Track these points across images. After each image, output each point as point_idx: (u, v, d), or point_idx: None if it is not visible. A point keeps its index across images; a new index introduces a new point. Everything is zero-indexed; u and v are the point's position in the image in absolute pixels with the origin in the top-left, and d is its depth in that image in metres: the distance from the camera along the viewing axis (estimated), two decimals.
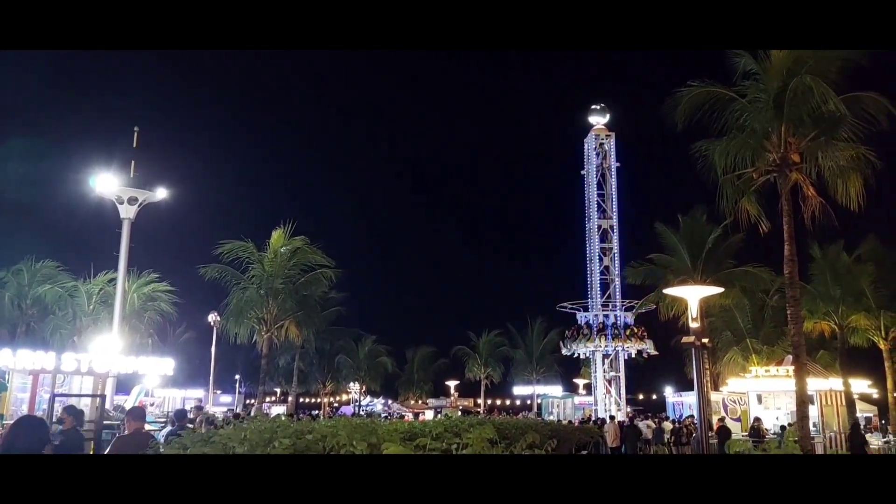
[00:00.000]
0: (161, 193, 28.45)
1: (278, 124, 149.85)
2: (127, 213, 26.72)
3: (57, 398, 19.35)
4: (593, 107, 43.30)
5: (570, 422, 29.30)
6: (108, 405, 21.93)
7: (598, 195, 41.48)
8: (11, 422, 9.92)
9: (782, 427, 26.56)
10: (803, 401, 19.37)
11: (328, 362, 61.91)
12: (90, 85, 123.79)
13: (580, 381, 57.10)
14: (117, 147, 29.84)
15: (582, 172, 42.29)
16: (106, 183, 26.63)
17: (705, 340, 13.40)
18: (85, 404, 19.98)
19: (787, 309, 20.26)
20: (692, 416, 32.39)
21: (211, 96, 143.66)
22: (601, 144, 42.26)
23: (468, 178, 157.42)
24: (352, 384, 65.63)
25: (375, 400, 68.60)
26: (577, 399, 49.92)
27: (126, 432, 7.89)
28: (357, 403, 63.16)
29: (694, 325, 13.02)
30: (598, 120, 42.93)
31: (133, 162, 28.46)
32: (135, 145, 28.95)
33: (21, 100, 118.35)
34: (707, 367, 32.02)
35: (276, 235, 36.12)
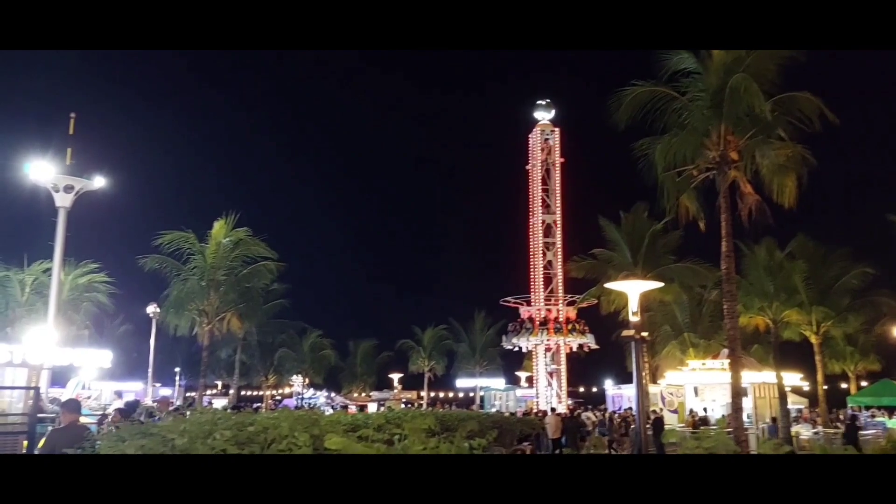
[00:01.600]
0: (99, 182, 27.50)
1: (224, 114, 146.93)
2: (63, 201, 25.74)
3: None
4: (539, 102, 43.77)
5: (512, 413, 29.66)
6: (42, 398, 21.23)
7: (543, 190, 42.00)
8: None
9: (703, 418, 27.47)
10: (738, 393, 20.07)
11: (271, 355, 61.18)
12: (25, 70, 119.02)
13: (522, 374, 57.79)
14: (53, 134, 28.75)
15: (527, 167, 42.72)
16: (40, 170, 25.62)
17: (645, 334, 13.77)
18: (17, 397, 19.34)
19: (724, 304, 20.91)
20: (630, 408, 33.19)
21: (151, 84, 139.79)
22: (546, 140, 42.78)
23: (413, 172, 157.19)
24: (295, 377, 65.04)
25: (319, 393, 68.17)
26: (519, 392, 50.55)
27: (61, 425, 7.70)
28: (300, 396, 62.62)
29: (634, 319, 13.37)
30: (544, 115, 43.43)
31: (69, 149, 27.45)
32: (71, 132, 27.91)
33: None
34: (646, 360, 32.81)
35: (218, 226, 35.45)
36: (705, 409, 27.88)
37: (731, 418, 20.07)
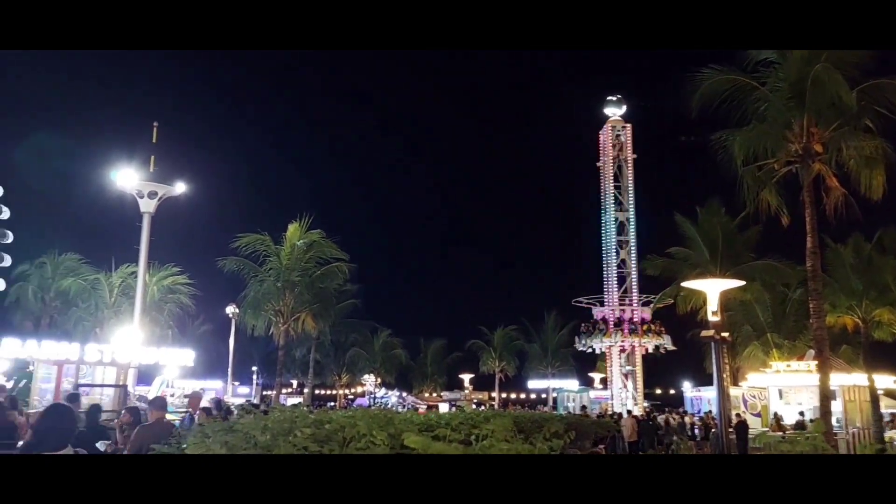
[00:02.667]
0: (180, 188, 28.68)
1: (296, 120, 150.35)
2: (147, 207, 26.98)
3: (81, 388, 19.62)
4: (609, 98, 43.01)
5: (586, 415, 29.21)
6: (130, 395, 22.16)
7: (615, 187, 41.22)
8: (40, 410, 10.04)
9: (799, 422, 26.34)
10: (826, 396, 19.17)
11: (343, 354, 62.24)
12: (111, 81, 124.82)
13: (596, 376, 56.90)
14: (137, 142, 30.08)
15: (598, 164, 42.03)
16: (126, 177, 26.90)
17: (725, 335, 13.26)
18: (108, 394, 20.24)
19: (810, 302, 20.05)
20: (710, 411, 32.21)
21: (229, 91, 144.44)
22: (617, 136, 41.99)
23: (483, 171, 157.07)
24: (367, 376, 65.93)
25: (390, 392, 68.89)
26: (593, 393, 49.73)
27: (148, 422, 7.98)
28: (372, 395, 63.45)
29: (713, 318, 12.90)
30: (614, 111, 42.64)
31: (153, 157, 28.71)
32: (154, 140, 29.21)
33: (45, 96, 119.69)
34: (726, 361, 31.79)
35: (293, 229, 36.34)
36: (802, 413, 26.66)
37: (819, 422, 19.19)
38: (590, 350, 41.16)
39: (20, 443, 7.31)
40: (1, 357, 29.80)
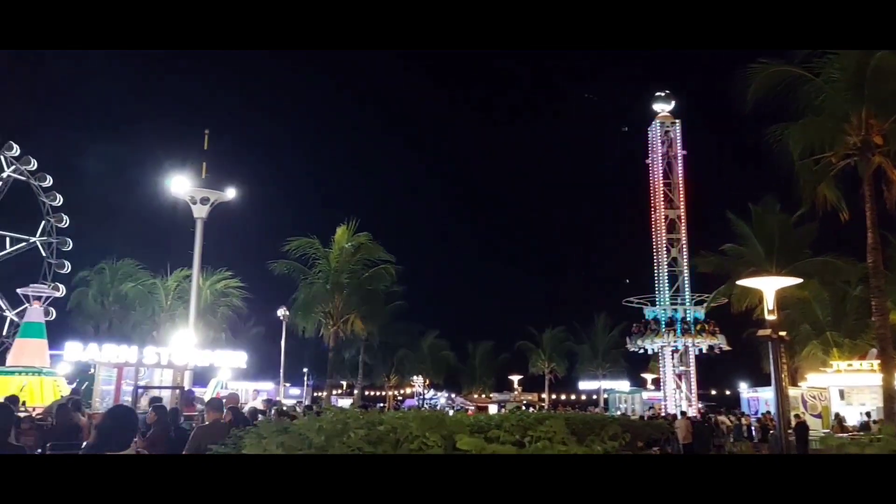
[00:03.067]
0: (231, 193, 29.19)
1: (343, 124, 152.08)
2: (199, 212, 27.49)
3: (139, 389, 20.18)
4: (657, 94, 42.32)
5: (640, 417, 28.77)
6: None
7: (665, 184, 40.53)
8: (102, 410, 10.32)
9: (864, 423, 25.47)
10: (891, 396, 18.51)
11: (392, 356, 62.64)
12: (163, 88, 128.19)
13: (648, 376, 56.03)
14: (190, 149, 30.78)
15: (647, 161, 41.40)
16: (179, 184, 27.49)
17: (782, 333, 12.89)
18: (165, 395, 20.76)
19: (871, 300, 19.41)
20: (769, 412, 31.38)
21: (277, 96, 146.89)
22: (666, 132, 41.29)
23: (532, 172, 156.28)
24: (415, 378, 66.21)
25: (439, 394, 69.02)
26: (645, 394, 49.05)
27: (206, 422, 8.15)
28: (421, 397, 63.68)
29: (770, 317, 12.58)
30: (663, 107, 41.95)
31: (204, 163, 29.29)
32: (205, 147, 29.80)
33: (101, 105, 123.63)
34: (784, 361, 30.94)
35: (340, 232, 36.77)
36: (868, 414, 25.77)
37: (883, 423, 18.53)
38: (641, 351, 40.54)
39: (84, 443, 7.53)
40: (64, 360, 30.92)
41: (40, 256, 54.29)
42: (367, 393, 67.37)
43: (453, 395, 68.62)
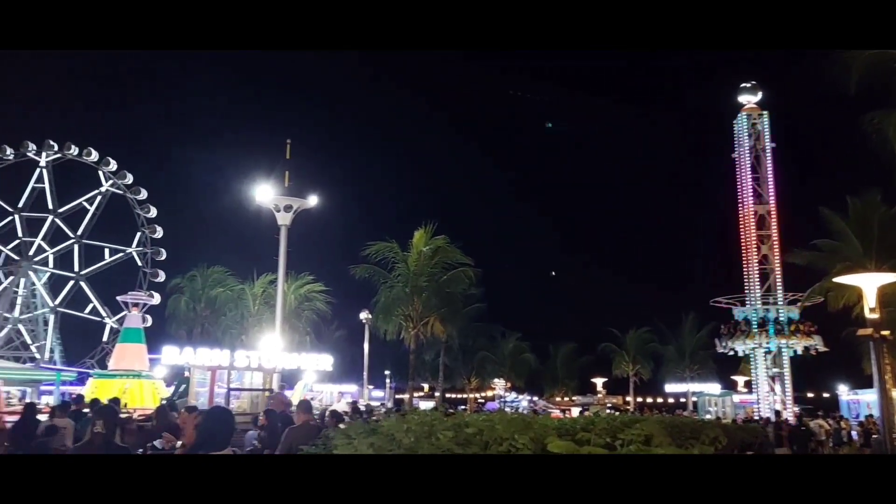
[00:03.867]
0: (312, 200, 29.93)
1: (416, 128, 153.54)
2: (283, 220, 28.30)
3: (232, 392, 20.92)
4: (743, 85, 40.78)
5: (732, 420, 27.80)
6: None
7: (753, 179, 38.99)
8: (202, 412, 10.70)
9: None
10: None
11: (472, 358, 62.74)
12: (247, 100, 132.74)
13: (740, 379, 54.03)
14: (273, 158, 31.75)
15: (732, 155, 39.96)
16: (264, 193, 28.38)
17: (885, 332, 12.21)
18: (255, 398, 21.46)
19: None
20: (871, 415, 29.71)
21: (352, 103, 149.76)
22: (753, 125, 39.74)
23: (611, 170, 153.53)
24: (496, 380, 66.06)
25: (520, 396, 68.62)
26: (736, 397, 47.34)
27: (296, 424, 8.36)
28: (502, 399, 63.47)
29: (871, 315, 11.98)
30: (749, 99, 40.38)
31: (287, 172, 30.14)
32: (287, 156, 30.66)
33: (190, 118, 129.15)
34: (888, 361, 29.23)
35: (418, 235, 37.15)
36: None
37: None
38: (731, 353, 39.10)
39: (178, 443, 7.85)
40: (161, 364, 32.38)
41: (136, 266, 57.32)
42: (447, 395, 67.75)
43: (535, 398, 68.10)
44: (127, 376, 32.87)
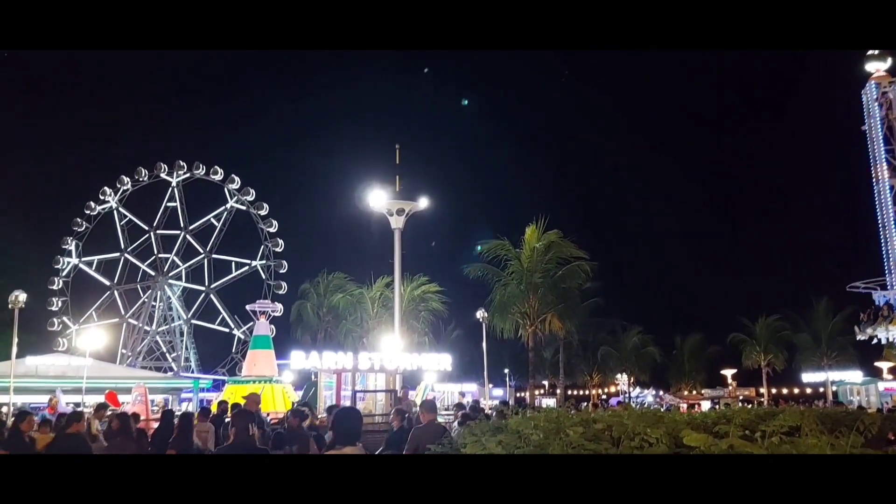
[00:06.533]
0: (423, 203, 30.39)
1: (528, 124, 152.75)
2: (396, 223, 28.88)
3: (357, 394, 21.59)
4: (869, 53, 37.97)
5: (878, 410, 25.90)
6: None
7: (887, 151, 36.21)
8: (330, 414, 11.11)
9: None
10: None
11: (593, 354, 61.67)
12: (364, 111, 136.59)
13: (884, 365, 50.22)
14: (386, 164, 32.52)
15: (863, 128, 37.26)
16: (377, 198, 29.08)
17: None
18: (380, 399, 22.05)
19: None
20: None
21: (458, 104, 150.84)
22: (884, 93, 36.91)
23: (733, 149, 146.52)
24: (619, 375, 64.60)
25: (646, 391, 66.77)
26: (881, 385, 44.10)
27: (422, 424, 8.51)
28: (626, 395, 61.98)
29: None
30: (878, 66, 37.57)
31: (398, 176, 30.77)
32: (397, 161, 31.30)
33: (306, 131, 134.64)
34: None
35: (530, 231, 36.90)
36: None
37: None
38: (874, 341, 36.43)
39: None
40: (290, 368, 33.86)
41: (260, 279, 60.25)
42: (569, 392, 66.95)
43: (661, 393, 66.08)
44: (259, 381, 34.51)
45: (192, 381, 45.71)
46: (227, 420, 12.65)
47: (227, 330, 61.37)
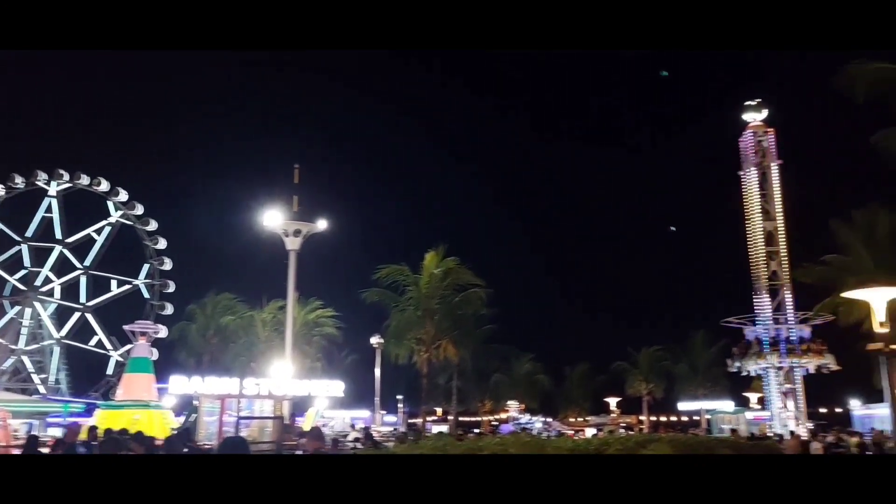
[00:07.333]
0: (321, 224, 30.05)
1: (426, 151, 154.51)
2: (292, 244, 28.42)
3: (241, 421, 20.88)
4: (748, 103, 40.94)
5: (749, 436, 27.52)
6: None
7: (760, 195, 39.00)
8: (212, 444, 10.74)
9: None
10: None
11: (486, 381, 62.43)
12: (256, 130, 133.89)
13: (753, 395, 53.59)
14: (281, 184, 31.94)
15: (739, 173, 40.00)
16: (272, 218, 28.53)
17: (895, 346, 12.20)
18: (265, 426, 21.41)
19: None
20: (883, 430, 29.38)
21: (362, 125, 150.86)
22: (759, 142, 39.82)
23: (617, 190, 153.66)
24: (510, 402, 65.70)
25: (534, 418, 68.15)
26: (750, 414, 46.90)
27: (308, 452, 8.37)
28: (516, 421, 63.01)
29: (881, 330, 11.98)
30: (755, 116, 40.51)
31: (295, 197, 30.31)
32: (296, 181, 30.84)
33: (194, 148, 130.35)
34: None
35: (430, 257, 37.13)
36: None
37: None
38: (745, 373, 38.85)
39: None
40: (170, 393, 32.29)
41: (143, 299, 57.30)
42: (461, 419, 67.34)
43: (549, 419, 67.62)
44: (135, 406, 32.68)
45: (61, 404, 42.79)
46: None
47: (103, 351, 58.01)
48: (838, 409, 62.00)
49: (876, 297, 12.17)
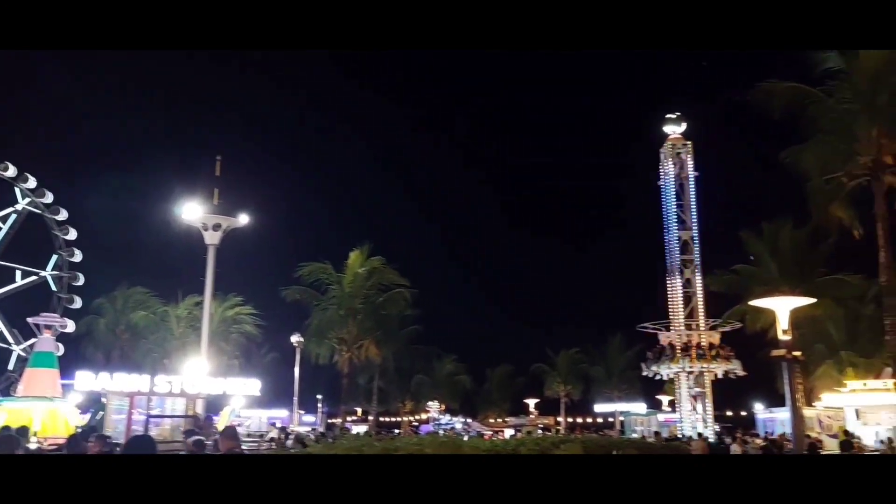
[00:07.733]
0: (243, 219, 29.35)
1: (352, 147, 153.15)
2: (211, 239, 27.65)
3: (151, 420, 20.16)
4: (668, 116, 42.36)
5: (659, 437, 28.47)
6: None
7: (677, 206, 40.41)
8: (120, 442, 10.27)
9: (883, 441, 25.05)
10: None
11: (407, 381, 62.42)
12: (174, 117, 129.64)
13: (664, 398, 55.53)
14: (201, 176, 30.99)
15: (658, 183, 41.36)
16: (191, 211, 27.68)
17: (797, 353, 12.84)
18: (178, 425, 20.73)
19: (885, 319, 19.24)
20: (784, 433, 30.97)
21: (287, 121, 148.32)
22: (678, 154, 41.26)
23: (540, 196, 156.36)
24: (431, 403, 65.92)
25: (455, 418, 68.59)
26: (661, 416, 48.57)
27: (220, 452, 8.12)
28: (437, 422, 63.27)
29: (784, 337, 12.55)
30: (674, 129, 41.92)
31: (216, 190, 29.47)
32: (217, 173, 30.00)
33: (106, 136, 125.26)
34: (799, 381, 30.52)
35: (354, 257, 36.87)
36: (877, 434, 25.35)
37: None
38: (658, 377, 40.16)
39: None
40: (75, 390, 30.89)
41: (50, 291, 54.46)
42: (382, 419, 67.06)
43: (469, 420, 68.18)
44: (38, 403, 31.06)
45: None
46: None
47: (4, 345, 54.89)
48: (743, 413, 64.90)
49: (780, 306, 12.75)
